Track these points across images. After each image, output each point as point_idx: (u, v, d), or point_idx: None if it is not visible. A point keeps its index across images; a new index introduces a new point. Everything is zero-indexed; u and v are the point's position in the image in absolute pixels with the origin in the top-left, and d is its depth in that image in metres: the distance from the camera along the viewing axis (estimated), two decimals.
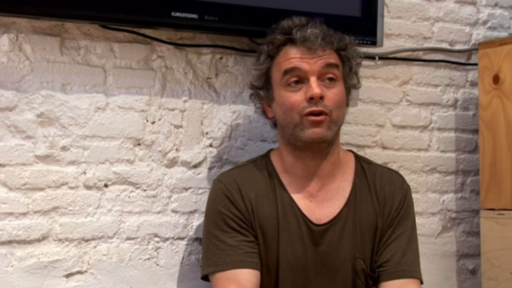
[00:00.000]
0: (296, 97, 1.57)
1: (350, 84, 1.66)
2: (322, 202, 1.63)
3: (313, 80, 1.56)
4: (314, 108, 1.55)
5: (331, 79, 1.59)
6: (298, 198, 1.62)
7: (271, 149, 1.72)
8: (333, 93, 1.58)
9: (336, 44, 1.61)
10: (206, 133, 1.82)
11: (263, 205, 1.61)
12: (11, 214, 1.61)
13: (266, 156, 1.69)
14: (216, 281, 1.57)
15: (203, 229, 1.66)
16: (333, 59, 1.60)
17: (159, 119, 1.77)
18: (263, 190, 1.63)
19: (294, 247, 1.60)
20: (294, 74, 1.58)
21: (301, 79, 1.58)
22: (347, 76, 1.64)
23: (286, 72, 1.58)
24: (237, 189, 1.61)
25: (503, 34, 2.17)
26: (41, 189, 1.64)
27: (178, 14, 1.68)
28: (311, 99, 1.55)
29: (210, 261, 1.59)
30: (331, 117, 1.57)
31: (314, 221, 1.61)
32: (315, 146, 1.60)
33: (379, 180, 1.68)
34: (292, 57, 1.59)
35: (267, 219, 1.60)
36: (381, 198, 1.66)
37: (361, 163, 1.70)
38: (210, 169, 1.82)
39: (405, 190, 1.69)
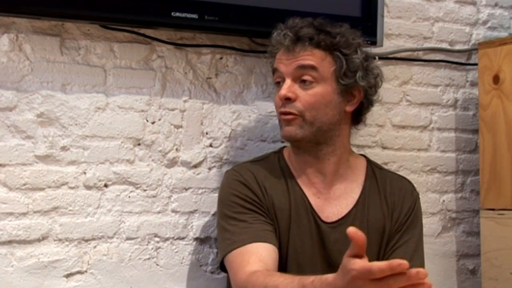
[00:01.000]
0: (277, 96, 1.61)
1: (348, 84, 1.59)
2: (329, 200, 1.63)
3: (286, 82, 1.58)
4: (282, 109, 1.59)
5: (304, 81, 1.57)
6: (308, 193, 1.63)
7: (284, 146, 1.72)
8: (308, 95, 1.57)
9: (311, 43, 1.57)
10: (206, 133, 1.82)
11: (277, 195, 1.61)
12: (11, 214, 1.61)
13: (279, 152, 1.70)
14: (234, 258, 1.51)
15: (218, 217, 1.63)
16: (310, 60, 1.57)
17: (159, 119, 1.77)
18: (277, 181, 1.63)
19: (303, 240, 1.60)
20: (277, 75, 1.62)
21: (283, 80, 1.60)
22: (339, 76, 1.58)
23: (273, 72, 1.64)
24: (252, 177, 1.61)
25: (503, 34, 2.17)
26: (41, 189, 1.64)
27: (178, 14, 1.68)
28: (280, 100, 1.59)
29: (228, 241, 1.55)
30: (303, 117, 1.57)
31: (323, 218, 1.62)
32: (298, 144, 1.62)
33: (389, 185, 1.68)
34: (278, 57, 1.62)
35: (280, 209, 1.60)
36: (390, 202, 1.66)
37: (373, 167, 1.71)
38: (210, 169, 1.81)
39: (414, 197, 1.70)
